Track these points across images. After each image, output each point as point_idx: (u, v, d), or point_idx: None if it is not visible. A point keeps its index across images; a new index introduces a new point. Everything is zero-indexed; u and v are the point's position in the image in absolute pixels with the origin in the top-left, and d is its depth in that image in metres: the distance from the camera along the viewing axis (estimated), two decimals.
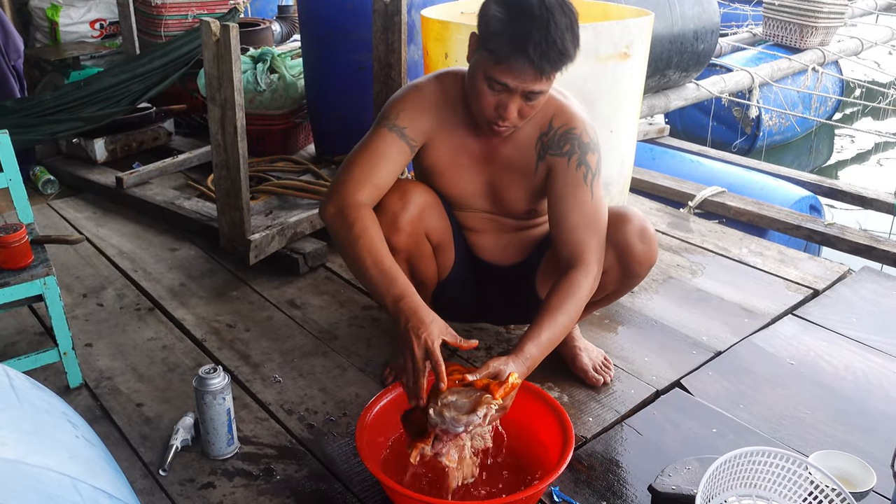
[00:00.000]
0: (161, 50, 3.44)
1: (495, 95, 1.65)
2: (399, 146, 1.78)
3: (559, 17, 1.57)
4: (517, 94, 1.64)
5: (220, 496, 1.72)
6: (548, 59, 1.57)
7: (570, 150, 1.80)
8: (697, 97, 5.19)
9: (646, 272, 1.93)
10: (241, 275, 2.69)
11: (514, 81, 1.61)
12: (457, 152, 1.86)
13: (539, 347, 1.65)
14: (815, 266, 2.78)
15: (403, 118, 1.79)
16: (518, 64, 1.57)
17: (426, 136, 1.83)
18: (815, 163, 6.68)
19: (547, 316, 1.69)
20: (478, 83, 1.66)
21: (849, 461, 1.70)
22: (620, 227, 1.86)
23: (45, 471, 0.81)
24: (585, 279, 1.74)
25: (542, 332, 1.66)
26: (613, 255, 1.87)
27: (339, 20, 3.11)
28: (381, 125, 1.80)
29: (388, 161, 1.77)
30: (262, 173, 3.21)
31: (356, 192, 1.73)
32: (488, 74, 1.62)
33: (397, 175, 1.81)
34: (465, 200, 1.94)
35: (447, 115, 1.83)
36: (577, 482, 1.76)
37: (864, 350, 2.27)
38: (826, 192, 4.11)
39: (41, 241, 2.06)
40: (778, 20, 6.47)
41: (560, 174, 1.81)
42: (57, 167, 3.46)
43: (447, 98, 1.82)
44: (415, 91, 1.83)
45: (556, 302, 1.71)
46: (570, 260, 1.77)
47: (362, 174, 1.75)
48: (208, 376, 1.76)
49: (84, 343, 2.29)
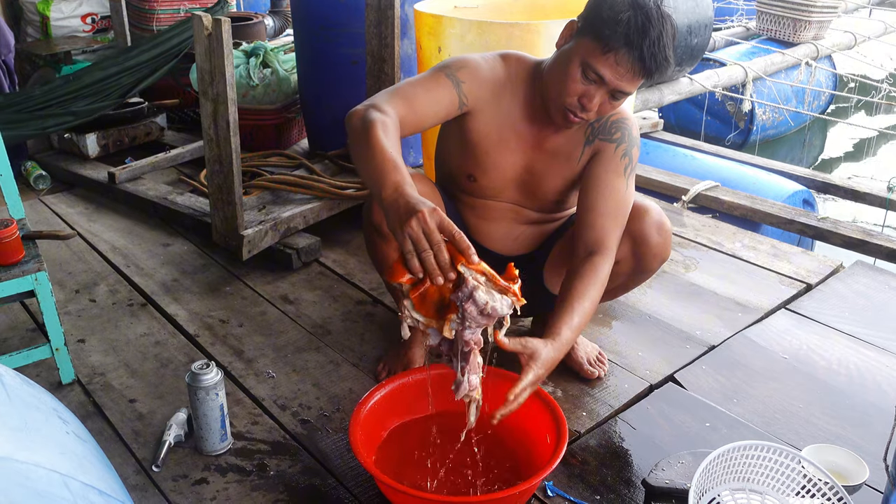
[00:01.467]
0: (150, 42, 3.42)
1: (585, 85, 1.65)
2: (450, 92, 1.75)
3: (669, 27, 1.60)
4: (606, 90, 1.65)
5: (214, 492, 1.71)
6: (655, 60, 1.59)
7: (620, 139, 1.81)
8: (691, 91, 5.19)
9: (658, 266, 1.93)
10: (234, 270, 2.68)
11: (612, 74, 1.61)
12: (505, 133, 1.84)
13: (572, 330, 1.62)
14: (809, 260, 2.79)
15: (464, 73, 1.77)
16: (626, 57, 1.58)
17: (478, 102, 1.80)
18: (809, 157, 6.69)
19: (577, 300, 1.66)
20: (571, 68, 1.65)
21: (841, 455, 1.70)
22: (640, 217, 1.85)
23: (35, 467, 0.80)
24: (606, 266, 1.73)
25: (574, 316, 1.63)
26: (629, 246, 1.86)
27: (332, 14, 3.10)
28: (439, 70, 1.77)
29: (435, 97, 1.73)
30: (255, 168, 3.20)
31: (387, 103, 1.65)
32: (588, 62, 1.62)
33: (439, 117, 1.77)
34: (498, 186, 1.91)
35: (504, 95, 1.82)
36: (571, 476, 1.76)
37: (857, 344, 2.28)
38: (819, 187, 4.11)
39: (32, 237, 2.05)
40: (771, 14, 6.47)
41: (604, 159, 1.81)
42: (49, 162, 3.44)
43: (508, 79, 1.82)
44: (480, 59, 1.81)
45: (582, 287, 1.68)
46: (593, 244, 1.75)
47: (402, 94, 1.69)
48: (201, 372, 1.76)
49: (76, 339, 2.28)
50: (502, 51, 1.88)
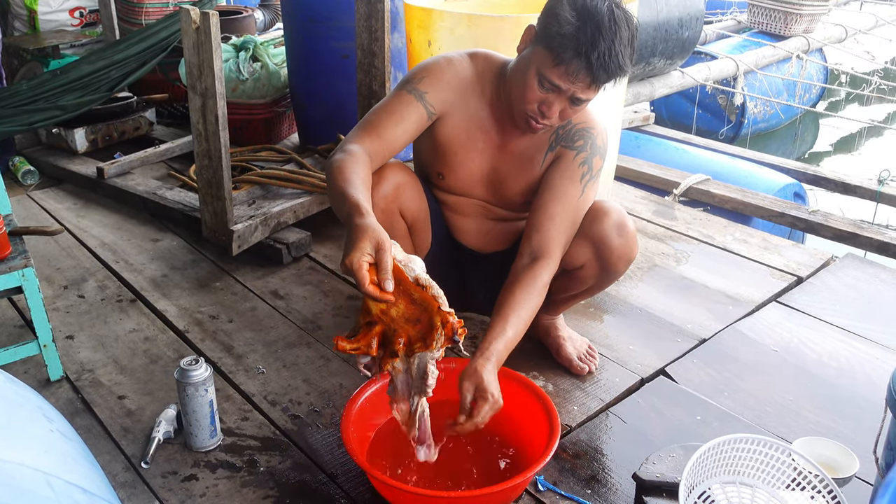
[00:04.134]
0: (138, 36, 3.39)
1: (543, 93, 1.66)
2: (416, 108, 1.76)
3: (624, 32, 1.59)
4: (565, 97, 1.65)
5: (203, 488, 1.71)
6: (606, 70, 1.59)
7: (581, 147, 1.81)
8: (682, 85, 5.19)
9: (624, 268, 1.92)
10: (224, 265, 2.67)
11: (567, 84, 1.62)
12: (473, 132, 1.85)
13: (505, 343, 1.64)
14: (799, 253, 2.79)
15: (426, 83, 1.78)
16: (577, 69, 1.58)
17: (445, 107, 1.81)
18: (800, 150, 6.70)
19: (513, 312, 1.68)
20: (528, 77, 1.66)
21: (832, 447, 1.70)
22: (598, 220, 1.85)
23: (18, 466, 0.79)
24: (546, 274, 1.75)
25: (508, 329, 1.66)
26: (591, 250, 1.87)
27: (321, 8, 3.08)
28: (401, 87, 1.79)
29: (399, 118, 1.75)
30: (245, 163, 3.18)
31: (355, 141, 1.70)
32: (542, 72, 1.63)
33: (410, 135, 1.79)
34: (466, 185, 1.92)
35: (472, 94, 1.82)
36: (562, 470, 1.76)
37: (848, 336, 2.28)
38: (810, 180, 4.12)
39: (19, 233, 2.04)
40: (762, 7, 6.47)
41: (562, 165, 1.82)
42: (37, 158, 3.42)
43: (476, 78, 1.82)
44: (444, 61, 1.82)
45: (521, 296, 1.71)
46: (537, 249, 1.77)
47: (368, 126, 1.74)
48: (190, 368, 1.75)
49: (65, 335, 2.26)
50: (471, 49, 1.88)
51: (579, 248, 1.86)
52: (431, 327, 1.42)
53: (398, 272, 1.41)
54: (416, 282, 1.42)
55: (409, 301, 1.43)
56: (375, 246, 1.39)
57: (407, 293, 1.43)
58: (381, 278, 1.38)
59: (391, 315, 1.44)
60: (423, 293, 1.42)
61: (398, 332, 1.44)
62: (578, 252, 1.87)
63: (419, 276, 1.43)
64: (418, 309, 1.43)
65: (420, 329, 1.44)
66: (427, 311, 1.43)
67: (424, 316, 1.43)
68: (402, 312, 1.44)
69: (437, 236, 1.99)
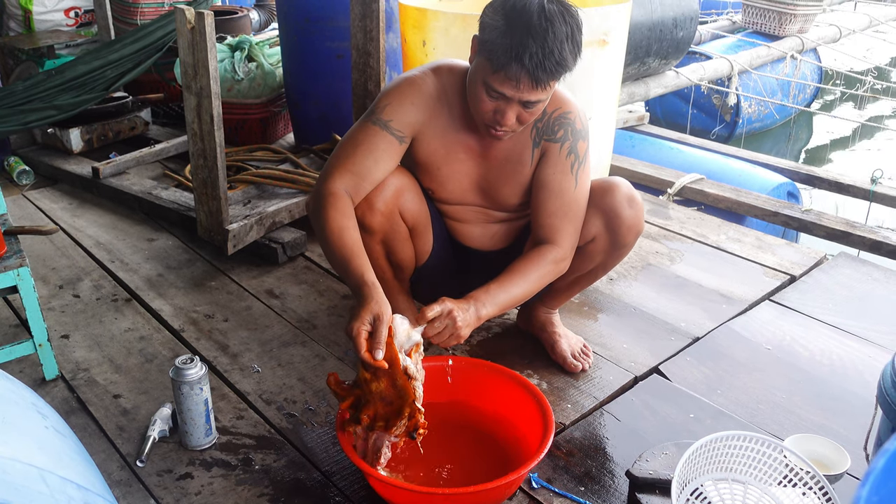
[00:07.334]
0: (134, 35, 3.39)
1: (493, 102, 1.65)
2: (383, 137, 1.76)
3: (559, 26, 1.56)
4: (515, 102, 1.63)
5: (198, 486, 1.71)
6: (544, 70, 1.56)
7: (563, 137, 1.81)
8: (677, 85, 5.20)
9: (633, 239, 1.94)
10: (219, 265, 2.67)
11: (511, 91, 1.60)
12: (452, 147, 1.84)
13: (495, 305, 1.70)
14: (793, 252, 2.80)
15: (388, 111, 1.77)
16: (514, 74, 1.57)
17: (415, 129, 1.80)
18: (794, 150, 6.72)
19: (508, 278, 1.74)
20: (477, 88, 1.66)
21: (824, 444, 1.71)
22: (609, 193, 1.88)
23: (12, 462, 0.80)
24: (553, 255, 1.80)
25: (500, 292, 1.72)
26: (602, 222, 1.89)
27: (316, 8, 3.09)
28: (366, 118, 1.79)
29: (369, 150, 1.75)
30: (240, 162, 3.19)
31: (332, 182, 1.73)
32: (486, 81, 1.62)
33: (387, 166, 1.79)
34: (457, 195, 1.93)
35: (441, 109, 1.81)
36: (556, 468, 1.77)
37: (840, 335, 2.29)
38: (804, 179, 4.14)
39: (14, 232, 2.04)
40: (757, 7, 6.49)
41: (550, 161, 1.83)
42: (32, 157, 3.42)
43: (442, 92, 1.80)
44: (405, 83, 1.80)
45: (519, 267, 1.77)
46: (543, 240, 1.83)
47: (340, 164, 1.75)
48: (185, 366, 1.75)
49: (60, 335, 2.26)
50: (434, 62, 1.86)
51: (591, 219, 1.89)
52: (399, 414, 1.51)
53: (393, 355, 1.51)
54: (405, 371, 1.52)
55: (391, 383, 1.52)
56: (375, 317, 1.51)
57: (392, 376, 1.52)
58: (373, 346, 1.49)
59: (371, 388, 1.53)
60: (405, 382, 1.51)
61: (370, 404, 1.53)
62: (590, 224, 1.89)
63: (408, 367, 1.52)
64: (395, 393, 1.52)
65: (389, 411, 1.52)
66: (402, 398, 1.51)
67: (398, 402, 1.52)
68: (380, 390, 1.52)
69: (438, 238, 2.00)
